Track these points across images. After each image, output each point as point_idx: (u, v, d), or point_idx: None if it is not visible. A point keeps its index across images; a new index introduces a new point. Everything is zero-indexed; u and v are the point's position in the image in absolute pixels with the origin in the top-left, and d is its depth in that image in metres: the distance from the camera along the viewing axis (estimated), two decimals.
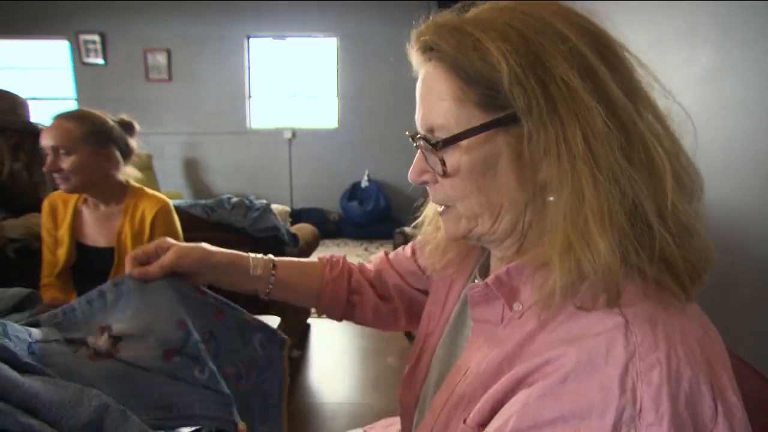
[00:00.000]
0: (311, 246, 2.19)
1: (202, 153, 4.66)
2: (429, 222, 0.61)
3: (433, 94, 0.44)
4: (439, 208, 0.50)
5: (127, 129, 1.33)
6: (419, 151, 0.47)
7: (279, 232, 1.82)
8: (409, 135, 0.48)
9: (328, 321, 2.63)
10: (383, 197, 4.39)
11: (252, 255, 0.67)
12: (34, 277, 1.30)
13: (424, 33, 0.44)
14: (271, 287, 0.67)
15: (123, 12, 4.35)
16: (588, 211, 0.37)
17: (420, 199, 0.63)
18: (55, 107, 1.66)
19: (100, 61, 4.47)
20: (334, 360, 2.25)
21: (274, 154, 4.61)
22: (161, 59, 4.46)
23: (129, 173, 1.34)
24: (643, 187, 0.37)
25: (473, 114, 0.42)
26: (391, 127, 4.40)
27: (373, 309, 0.73)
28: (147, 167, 3.89)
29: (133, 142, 1.34)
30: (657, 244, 0.37)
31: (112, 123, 1.28)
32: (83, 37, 4.40)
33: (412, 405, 0.62)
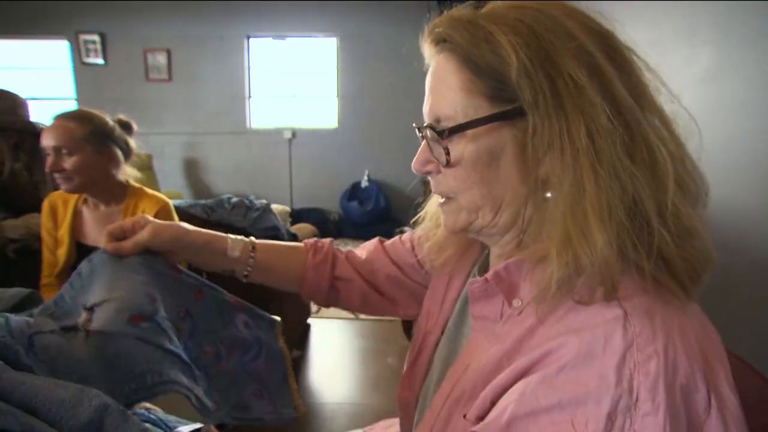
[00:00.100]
0: None
1: (202, 153, 4.66)
2: (430, 218, 0.62)
3: (443, 84, 0.44)
4: (441, 199, 0.50)
5: (126, 129, 1.33)
6: (424, 142, 0.48)
7: (279, 232, 1.82)
8: (416, 126, 0.49)
9: (328, 321, 2.63)
10: (383, 197, 4.39)
11: (231, 236, 0.66)
12: (34, 277, 1.30)
13: (438, 25, 0.45)
14: (250, 269, 0.66)
15: (123, 12, 4.35)
16: (588, 205, 0.37)
17: (419, 198, 0.63)
18: (55, 107, 1.66)
19: (100, 61, 4.47)
20: (334, 360, 2.25)
21: (274, 154, 4.61)
22: (161, 59, 4.45)
23: (129, 173, 1.34)
24: (645, 185, 0.37)
25: (481, 105, 0.42)
26: (391, 127, 4.40)
27: (361, 296, 0.72)
28: (147, 167, 3.89)
29: (133, 141, 1.35)
30: (655, 241, 0.37)
31: (112, 123, 1.28)
32: (83, 37, 4.40)
33: (412, 405, 0.62)
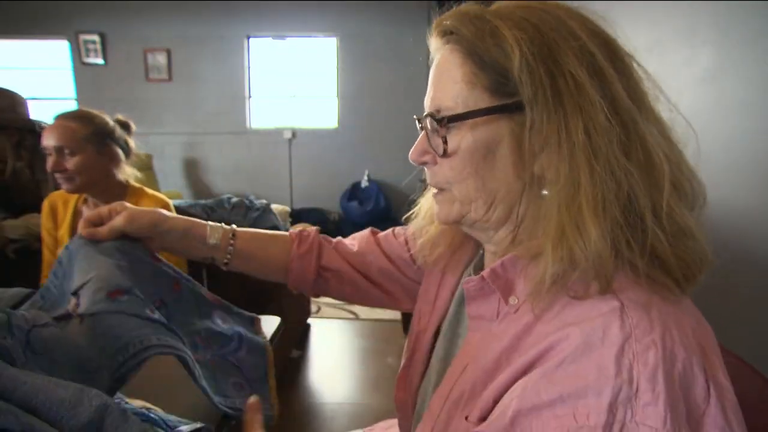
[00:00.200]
0: None
1: (202, 153, 4.65)
2: (423, 215, 0.62)
3: (447, 76, 0.45)
4: (434, 190, 0.50)
5: (125, 128, 1.33)
6: (423, 132, 0.48)
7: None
8: (416, 118, 0.49)
9: (328, 321, 2.63)
10: (383, 197, 4.38)
11: (210, 223, 0.66)
12: (34, 278, 1.30)
13: (445, 18, 0.46)
14: (230, 257, 0.66)
15: (123, 12, 4.35)
16: (582, 200, 0.37)
17: (413, 194, 0.63)
18: (55, 107, 1.66)
19: (100, 61, 4.46)
20: (334, 360, 2.25)
21: (274, 154, 4.61)
22: (161, 59, 4.45)
23: (129, 173, 1.34)
24: (640, 183, 0.38)
25: (482, 98, 0.43)
26: (391, 127, 4.39)
27: (353, 286, 0.72)
28: (147, 167, 3.88)
29: (132, 141, 1.35)
30: (649, 239, 0.37)
31: (113, 123, 1.28)
32: (83, 37, 4.39)
33: (409, 405, 0.62)
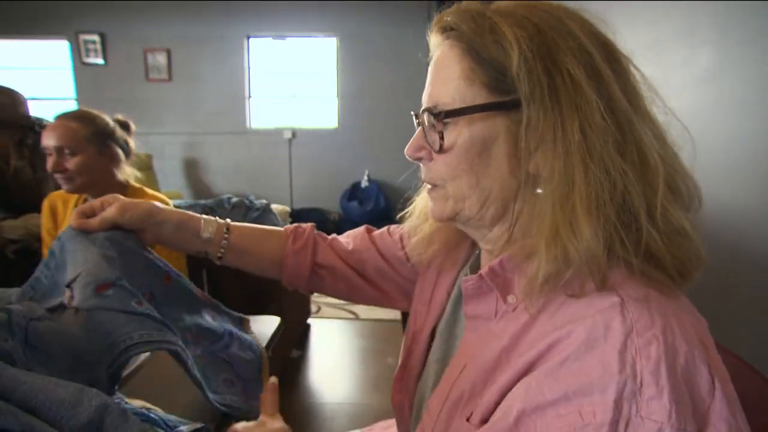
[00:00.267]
0: None
1: (202, 153, 4.65)
2: (418, 214, 0.62)
3: (445, 72, 0.45)
4: (428, 187, 0.50)
5: (125, 128, 1.33)
6: (419, 128, 0.48)
7: None
8: (414, 113, 0.49)
9: (328, 321, 2.63)
10: (383, 197, 4.38)
11: (205, 217, 0.66)
12: None
13: (446, 14, 0.46)
14: (223, 251, 0.66)
15: (123, 12, 4.35)
16: (576, 198, 0.37)
17: (408, 192, 0.63)
18: (55, 107, 1.65)
19: (100, 61, 4.46)
20: (334, 360, 2.25)
21: (274, 154, 4.61)
22: (161, 59, 4.45)
23: (129, 173, 1.34)
24: (634, 183, 0.38)
25: (480, 94, 0.43)
26: (391, 127, 4.39)
27: (347, 283, 0.71)
28: (147, 167, 3.88)
29: (132, 141, 1.35)
30: (643, 239, 0.37)
31: (113, 123, 1.28)
32: (83, 37, 4.39)
33: (406, 407, 0.62)
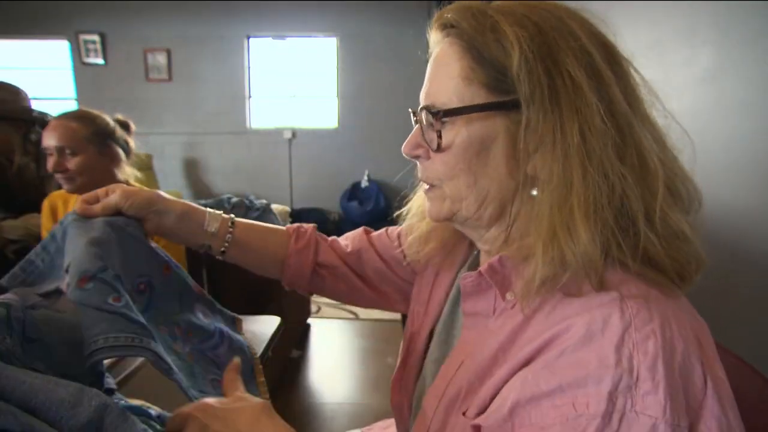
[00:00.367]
0: None
1: (202, 153, 4.65)
2: (414, 212, 0.62)
3: (444, 71, 0.45)
4: (425, 186, 0.50)
5: (125, 128, 1.33)
6: (417, 126, 0.48)
7: None
8: (412, 111, 0.49)
9: (328, 321, 2.63)
10: (383, 197, 4.38)
11: (210, 210, 0.65)
12: None
13: (447, 11, 0.45)
14: (227, 245, 0.64)
15: (123, 12, 4.35)
16: (574, 201, 0.37)
17: (405, 190, 0.63)
18: (55, 107, 1.64)
19: (100, 61, 4.46)
20: (334, 360, 2.25)
21: (274, 154, 4.61)
22: (161, 59, 4.45)
23: (129, 173, 1.34)
24: (633, 187, 0.38)
25: (479, 94, 0.42)
26: (391, 127, 4.39)
27: (347, 284, 0.71)
28: (147, 167, 3.88)
29: (132, 141, 1.35)
30: (641, 242, 0.37)
31: (113, 123, 1.28)
32: (83, 37, 4.39)
33: (406, 407, 0.62)
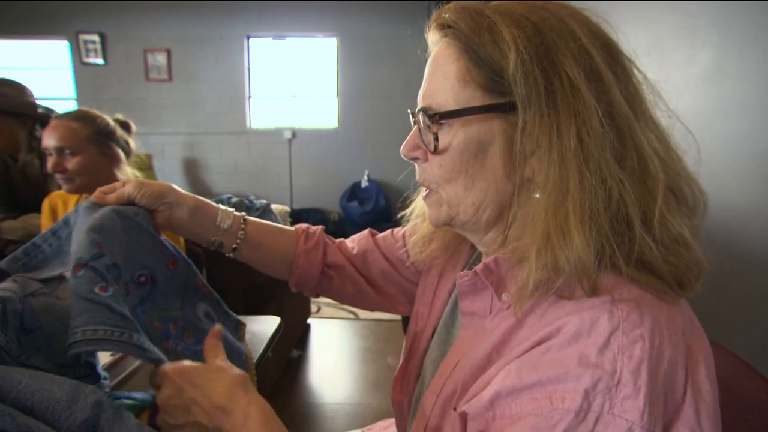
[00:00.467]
0: None
1: (202, 153, 4.65)
2: (417, 213, 0.62)
3: (441, 72, 0.44)
4: (424, 192, 0.50)
5: (125, 128, 1.33)
6: (415, 127, 0.48)
7: None
8: (410, 111, 0.49)
9: (328, 321, 2.63)
10: (383, 197, 4.38)
11: (222, 206, 0.64)
12: None
13: (445, 11, 0.45)
14: (239, 242, 0.64)
15: (123, 12, 4.35)
16: (570, 206, 0.37)
17: (407, 191, 0.63)
18: (56, 107, 1.64)
19: (100, 61, 4.46)
20: (334, 360, 2.25)
21: (274, 154, 4.61)
22: (161, 59, 4.45)
23: (129, 173, 1.34)
24: (631, 192, 0.37)
25: (475, 95, 0.42)
26: (391, 127, 4.40)
27: (354, 285, 0.71)
28: (147, 167, 3.89)
29: (132, 141, 1.35)
30: (636, 248, 0.37)
31: (113, 123, 1.28)
32: (83, 37, 4.39)
33: (405, 406, 0.62)
